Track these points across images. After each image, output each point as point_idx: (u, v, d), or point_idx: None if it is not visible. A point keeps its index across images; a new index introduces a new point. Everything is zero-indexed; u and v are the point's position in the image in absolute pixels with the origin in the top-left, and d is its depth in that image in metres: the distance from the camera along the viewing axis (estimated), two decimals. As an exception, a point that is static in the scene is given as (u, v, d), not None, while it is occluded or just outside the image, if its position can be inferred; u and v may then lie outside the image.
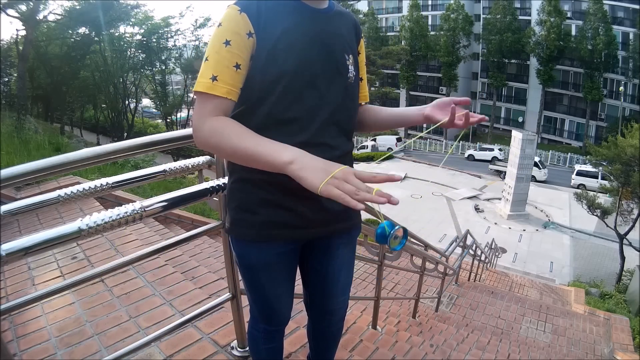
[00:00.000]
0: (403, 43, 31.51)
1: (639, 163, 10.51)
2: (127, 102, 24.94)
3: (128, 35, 23.84)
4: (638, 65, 23.83)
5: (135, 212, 0.96)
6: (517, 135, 14.86)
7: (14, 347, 1.52)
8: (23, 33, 14.96)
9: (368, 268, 4.45)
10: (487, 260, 7.60)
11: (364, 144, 25.93)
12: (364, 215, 1.26)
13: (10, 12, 13.80)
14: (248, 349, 1.50)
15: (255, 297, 1.09)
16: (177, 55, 25.76)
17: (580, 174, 19.45)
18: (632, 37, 24.43)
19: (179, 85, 29.54)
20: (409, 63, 31.61)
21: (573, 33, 26.30)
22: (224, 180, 1.18)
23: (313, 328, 1.26)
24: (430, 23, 31.58)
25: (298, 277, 1.14)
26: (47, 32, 20.30)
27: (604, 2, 24.48)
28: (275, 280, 1.05)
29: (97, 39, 21.32)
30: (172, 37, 24.27)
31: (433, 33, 30.70)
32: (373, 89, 29.41)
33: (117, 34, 22.67)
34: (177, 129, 19.14)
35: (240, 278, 1.14)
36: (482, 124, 31.36)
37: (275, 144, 0.77)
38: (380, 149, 25.91)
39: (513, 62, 28.99)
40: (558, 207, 16.81)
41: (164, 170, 1.29)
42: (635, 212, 11.18)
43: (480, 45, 29.92)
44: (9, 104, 14.36)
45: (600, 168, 14.77)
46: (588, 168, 18.86)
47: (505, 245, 12.65)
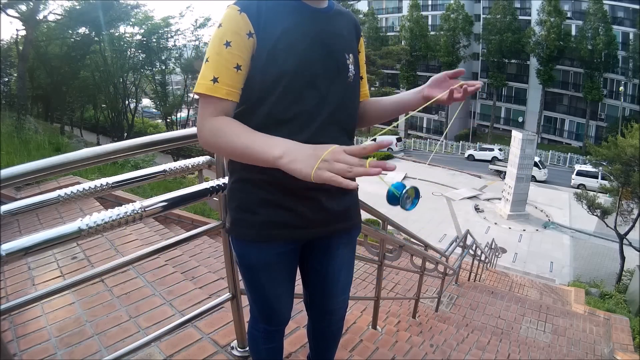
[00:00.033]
0: (403, 43, 31.51)
1: (639, 163, 10.51)
2: (127, 102, 24.94)
3: (128, 35, 23.85)
4: (638, 65, 23.83)
5: (135, 212, 0.97)
6: (517, 135, 14.87)
7: (14, 347, 1.52)
8: (23, 33, 14.96)
9: (368, 268, 4.45)
10: (487, 260, 7.60)
11: (364, 144, 25.88)
12: (364, 215, 1.27)
13: (10, 12, 13.81)
14: (248, 349, 1.50)
15: (256, 297, 1.09)
16: (177, 55, 25.76)
17: (580, 174, 19.47)
18: (632, 37, 24.43)
19: (179, 85, 29.53)
20: (409, 63, 31.61)
21: (573, 33, 26.30)
22: (224, 180, 1.18)
23: (313, 328, 1.26)
24: (430, 23, 31.55)
25: (298, 277, 1.14)
26: (47, 32, 20.29)
27: (604, 2, 24.48)
28: (276, 280, 1.05)
29: (97, 39, 21.32)
30: (172, 37, 24.29)
31: (433, 33, 30.68)
32: (373, 89, 29.37)
33: (117, 34, 22.66)
34: (177, 129, 19.16)
35: (240, 278, 1.14)
36: (482, 124, 31.42)
37: (268, 140, 0.77)
38: (380, 149, 25.91)
39: (513, 62, 28.99)
40: (558, 207, 16.81)
41: (164, 170, 1.30)
42: (635, 212, 11.18)
43: (480, 45, 29.91)
44: (9, 104, 14.36)
45: (600, 168, 14.78)
46: (588, 168, 18.87)
47: (505, 245, 12.65)
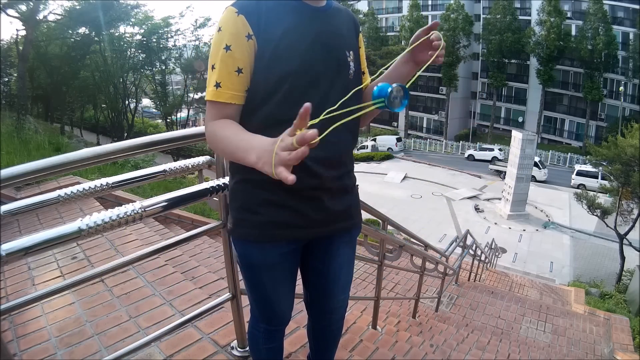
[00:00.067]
0: (403, 43, 31.48)
1: (639, 163, 10.51)
2: (127, 102, 24.90)
3: (128, 35, 23.81)
4: (638, 65, 23.81)
5: (135, 212, 0.97)
6: (517, 135, 14.87)
7: (14, 347, 1.51)
8: (23, 33, 14.93)
9: (368, 268, 4.44)
10: (487, 260, 7.59)
11: (364, 144, 25.91)
12: (364, 215, 1.27)
13: (10, 12, 13.79)
14: (248, 349, 1.50)
15: (257, 297, 1.09)
16: (177, 55, 25.71)
17: (580, 174, 19.46)
18: (632, 37, 24.42)
19: (179, 85, 29.50)
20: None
21: (573, 33, 26.28)
22: (224, 180, 1.19)
23: (313, 327, 1.26)
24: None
25: (298, 276, 1.14)
26: (47, 32, 20.26)
27: (604, 2, 24.48)
28: (277, 280, 1.05)
29: (97, 39, 21.29)
30: (172, 37, 24.24)
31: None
32: (373, 89, 29.32)
33: (117, 34, 22.62)
34: (177, 129, 19.19)
35: (241, 278, 1.14)
36: (482, 124, 31.41)
37: (247, 144, 0.76)
38: (380, 149, 25.91)
39: (513, 62, 28.96)
40: (558, 207, 16.80)
41: (164, 170, 1.30)
42: (635, 212, 11.18)
43: (480, 45, 29.90)
44: (9, 104, 14.37)
45: (600, 168, 14.78)
46: (588, 168, 18.87)
47: (505, 245, 12.64)
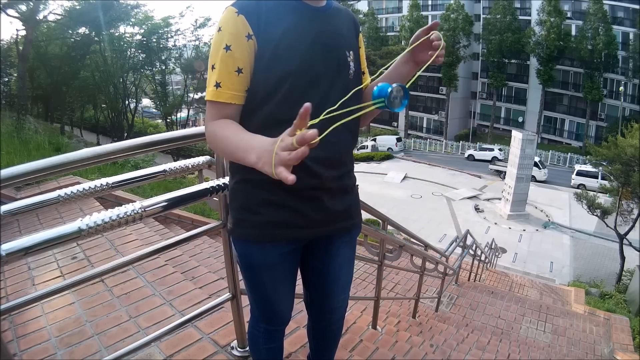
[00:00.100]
0: (403, 43, 31.47)
1: (639, 163, 10.51)
2: (127, 102, 24.89)
3: (128, 35, 23.81)
4: (638, 65, 23.81)
5: (135, 212, 0.97)
6: (517, 135, 14.87)
7: (14, 347, 1.51)
8: (23, 33, 14.93)
9: (368, 268, 4.44)
10: (487, 260, 7.59)
11: (364, 144, 25.91)
12: (364, 215, 1.27)
13: (10, 12, 13.79)
14: (248, 349, 1.50)
15: (257, 297, 1.09)
16: (177, 55, 25.71)
17: (580, 174, 19.46)
18: (632, 37, 24.42)
19: (179, 85, 29.49)
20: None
21: (573, 33, 26.28)
22: (224, 180, 1.18)
23: (313, 327, 1.26)
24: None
25: (298, 276, 1.14)
26: (47, 32, 20.26)
27: (604, 2, 24.47)
28: (277, 280, 1.05)
29: (97, 39, 21.28)
30: (172, 37, 24.23)
31: (433, 33, 30.67)
32: (373, 89, 29.34)
33: (117, 34, 22.62)
34: (177, 129, 19.19)
35: (241, 278, 1.14)
36: (482, 124, 31.40)
37: (247, 144, 0.76)
38: (380, 149, 25.92)
39: (513, 62, 28.96)
40: (558, 207, 16.80)
41: (164, 170, 1.30)
42: (635, 212, 11.18)
43: (480, 45, 29.88)
44: (9, 104, 14.37)
45: (600, 168, 14.78)
46: (588, 168, 18.86)
47: (505, 245, 12.64)
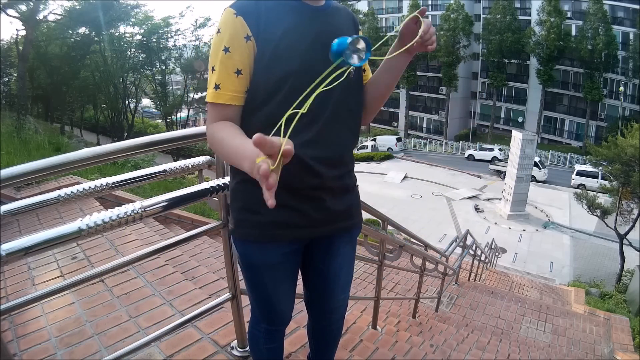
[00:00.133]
0: (403, 43, 31.42)
1: (639, 163, 10.51)
2: (127, 102, 24.91)
3: (128, 35, 23.83)
4: (638, 65, 23.80)
5: (135, 212, 0.97)
6: (517, 135, 14.87)
7: (14, 347, 1.51)
8: (23, 33, 14.95)
9: (368, 268, 4.44)
10: (487, 260, 7.59)
11: (364, 144, 25.90)
12: (365, 215, 1.27)
13: (10, 12, 13.81)
14: (248, 349, 1.50)
15: (257, 297, 1.09)
16: (177, 55, 25.73)
17: (580, 174, 19.46)
18: (632, 37, 24.41)
19: (179, 85, 29.50)
20: (409, 63, 31.49)
21: (573, 33, 26.26)
22: (224, 180, 1.18)
23: (313, 327, 1.26)
24: (430, 23, 31.59)
25: (298, 276, 1.14)
26: (47, 32, 20.27)
27: (604, 2, 24.47)
28: (278, 280, 1.05)
29: (97, 39, 21.31)
30: (172, 37, 24.26)
31: (433, 33, 30.69)
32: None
33: (117, 34, 22.64)
34: (177, 129, 19.19)
35: (241, 278, 1.14)
36: (482, 124, 31.39)
37: (241, 150, 0.74)
38: (380, 149, 25.91)
39: (513, 62, 28.93)
40: (558, 207, 16.80)
41: (164, 170, 1.30)
42: (635, 212, 11.17)
43: (480, 45, 29.85)
44: (9, 104, 14.36)
45: (600, 168, 14.78)
46: (588, 168, 18.86)
47: (505, 245, 12.64)
